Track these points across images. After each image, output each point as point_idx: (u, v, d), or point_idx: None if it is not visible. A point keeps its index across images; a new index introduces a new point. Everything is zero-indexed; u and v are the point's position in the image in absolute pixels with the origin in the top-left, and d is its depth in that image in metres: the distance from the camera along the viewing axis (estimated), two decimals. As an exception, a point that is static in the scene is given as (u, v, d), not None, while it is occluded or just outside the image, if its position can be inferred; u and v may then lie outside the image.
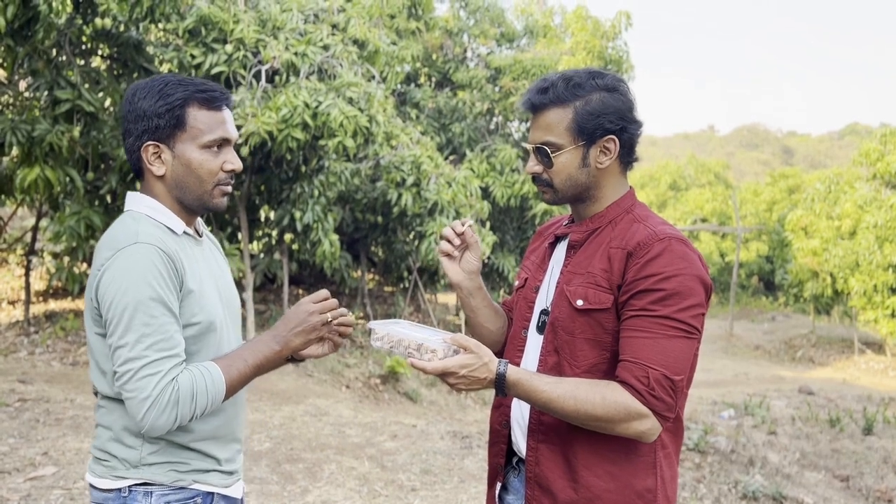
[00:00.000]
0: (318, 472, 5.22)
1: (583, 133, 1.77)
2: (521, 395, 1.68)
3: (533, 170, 1.83)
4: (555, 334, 1.79)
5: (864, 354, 16.35)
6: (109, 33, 8.49)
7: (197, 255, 1.82)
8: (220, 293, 1.86)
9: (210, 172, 1.77)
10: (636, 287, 1.68)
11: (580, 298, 1.74)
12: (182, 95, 1.74)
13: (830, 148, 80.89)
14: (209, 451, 1.79)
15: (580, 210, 1.87)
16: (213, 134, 1.76)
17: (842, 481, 7.24)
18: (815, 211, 17.12)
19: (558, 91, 1.78)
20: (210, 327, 1.76)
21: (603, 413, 1.64)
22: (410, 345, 1.64)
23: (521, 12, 15.01)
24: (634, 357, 1.66)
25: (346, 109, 7.69)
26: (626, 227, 1.78)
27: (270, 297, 11.90)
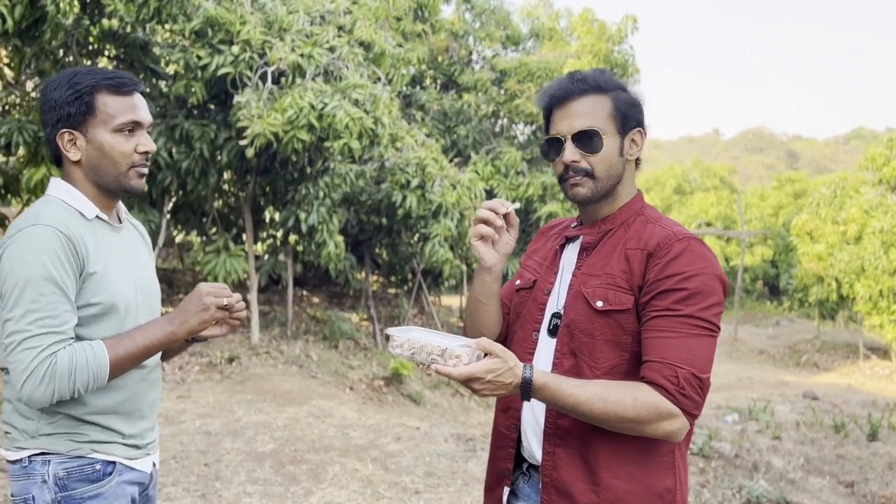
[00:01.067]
0: (321, 473, 5.21)
1: (623, 121, 1.80)
2: (548, 399, 1.64)
3: (572, 158, 1.77)
4: (571, 337, 1.77)
5: (870, 360, 16.30)
6: (116, 34, 8.51)
7: (109, 240, 1.89)
8: (133, 278, 1.92)
9: (123, 154, 1.85)
10: (659, 287, 1.68)
11: (600, 300, 1.73)
12: (90, 83, 1.83)
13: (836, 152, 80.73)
14: (109, 424, 1.85)
15: (595, 210, 1.85)
16: (124, 117, 1.84)
17: (846, 487, 7.21)
18: (820, 216, 17.08)
19: (597, 79, 1.80)
20: (112, 309, 1.82)
21: (634, 414, 1.63)
22: (433, 350, 1.60)
23: (527, 15, 15.01)
24: (661, 357, 1.65)
25: (351, 111, 7.70)
26: (641, 229, 1.79)
27: (275, 298, 11.91)
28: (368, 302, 11.90)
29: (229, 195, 10.59)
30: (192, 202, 9.86)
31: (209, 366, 8.15)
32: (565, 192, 1.83)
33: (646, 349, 1.68)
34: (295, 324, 10.55)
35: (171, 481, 4.83)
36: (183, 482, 4.84)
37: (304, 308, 11.95)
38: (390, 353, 1.67)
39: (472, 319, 1.95)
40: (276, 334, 9.86)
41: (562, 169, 1.80)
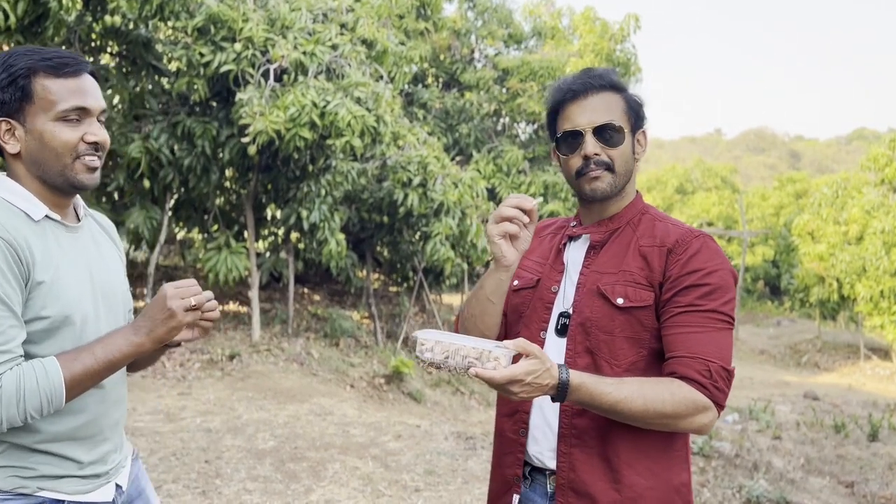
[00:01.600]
0: (321, 471, 5.22)
1: (635, 119, 1.83)
2: (584, 399, 1.61)
3: (594, 151, 1.76)
4: (587, 335, 1.76)
5: (870, 360, 16.29)
6: (119, 31, 8.52)
7: (62, 243, 1.66)
8: (93, 284, 1.70)
9: (65, 145, 1.61)
10: (682, 283, 1.71)
11: (620, 297, 1.73)
12: (26, 65, 1.59)
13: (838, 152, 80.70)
14: (64, 452, 1.65)
15: (603, 207, 1.85)
16: (66, 103, 1.61)
17: (846, 487, 7.21)
18: (822, 216, 17.08)
19: (612, 77, 1.83)
20: (65, 321, 1.60)
21: (672, 410, 1.63)
22: (469, 353, 1.51)
23: (529, 14, 15.01)
24: (691, 352, 1.67)
25: (353, 109, 7.70)
26: (650, 227, 1.82)
27: (276, 295, 11.92)
28: (369, 300, 11.91)
29: (231, 192, 10.60)
30: (194, 199, 9.86)
31: (210, 363, 8.16)
32: (581, 188, 1.81)
33: (672, 344, 1.69)
34: (296, 321, 10.56)
35: (171, 478, 4.84)
36: (183, 479, 4.84)
37: (305, 306, 11.96)
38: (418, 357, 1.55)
39: (475, 320, 1.87)
40: (277, 332, 9.87)
41: (581, 163, 1.79)
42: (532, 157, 13.11)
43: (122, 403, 1.82)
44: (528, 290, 1.90)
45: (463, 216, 9.80)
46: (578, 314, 1.78)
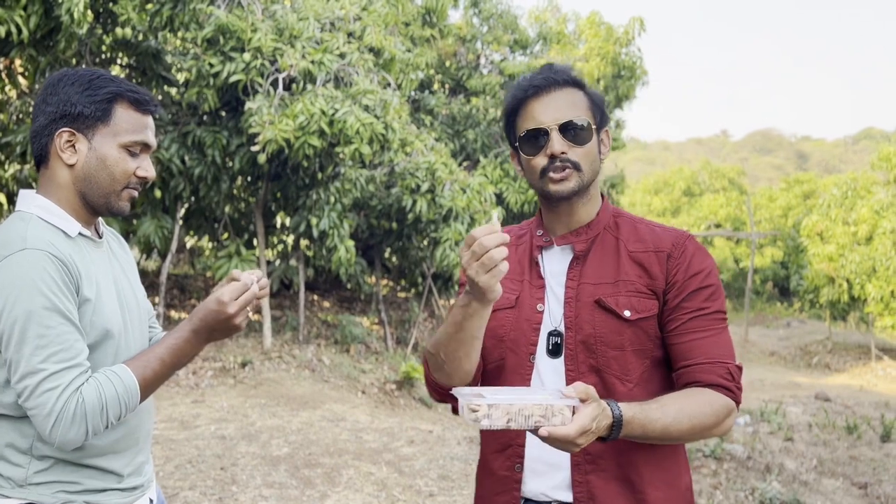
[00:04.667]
0: (336, 477, 5.25)
1: (600, 117, 1.74)
2: (635, 431, 1.50)
3: (561, 149, 1.64)
4: (591, 353, 1.65)
5: (882, 361, 16.22)
6: (129, 43, 8.61)
7: (95, 259, 1.72)
8: (119, 297, 1.74)
9: (124, 173, 1.69)
10: (688, 287, 1.65)
11: (627, 309, 1.64)
12: (114, 90, 1.68)
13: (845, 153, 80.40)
14: (108, 466, 1.68)
15: (573, 212, 1.72)
16: (136, 136, 1.70)
17: (860, 489, 7.19)
18: (830, 216, 17.03)
19: (572, 73, 1.74)
20: (107, 335, 1.66)
21: (714, 421, 1.59)
22: (534, 412, 1.39)
23: (535, 19, 15.06)
24: (709, 357, 1.62)
25: (362, 117, 7.75)
26: (632, 231, 1.73)
27: (286, 303, 11.97)
28: (379, 306, 11.95)
29: (241, 201, 10.67)
30: (205, 208, 9.93)
31: (222, 370, 8.21)
32: (546, 189, 1.67)
33: (689, 352, 1.63)
34: (307, 328, 10.60)
35: (188, 485, 4.88)
36: (200, 486, 4.89)
37: (315, 312, 12.01)
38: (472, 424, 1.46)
39: (459, 363, 1.64)
40: (288, 339, 9.92)
41: (545, 162, 1.66)
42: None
43: (153, 414, 1.86)
44: (507, 310, 1.73)
45: (472, 221, 9.84)
46: (577, 331, 1.66)
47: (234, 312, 1.67)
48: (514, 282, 1.74)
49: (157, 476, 4.96)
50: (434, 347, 1.67)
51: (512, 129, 1.75)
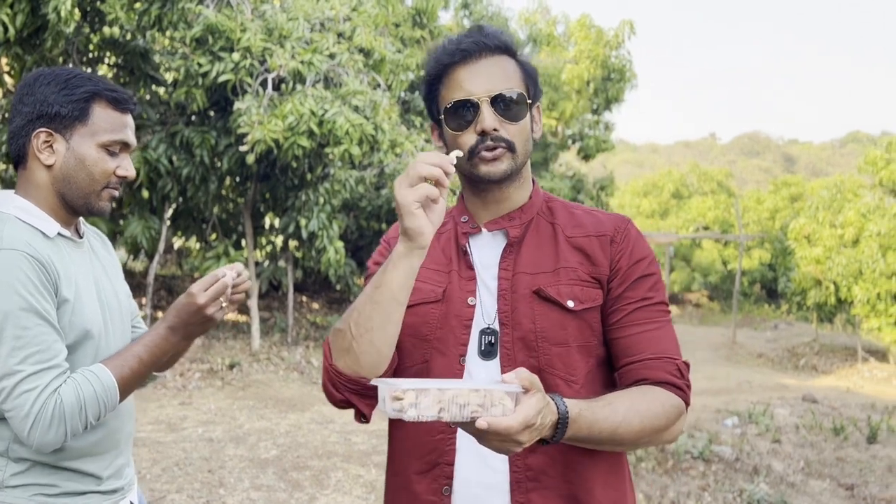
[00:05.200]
0: (325, 479, 5.23)
1: (534, 90, 1.51)
2: (581, 433, 1.29)
3: (493, 125, 1.42)
4: (532, 351, 1.43)
5: (868, 363, 16.33)
6: (116, 42, 8.56)
7: (75, 259, 1.69)
8: (100, 297, 1.72)
9: (103, 173, 1.67)
10: (633, 275, 1.47)
11: (570, 298, 1.43)
12: (91, 89, 1.66)
13: (832, 156, 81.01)
14: (87, 469, 1.66)
15: (500, 195, 1.51)
16: (115, 135, 1.68)
17: (846, 490, 7.23)
18: (818, 219, 17.12)
19: (506, 39, 1.50)
20: (87, 336, 1.64)
21: (665, 422, 1.39)
22: (470, 400, 1.16)
23: (526, 21, 15.09)
24: (657, 352, 1.44)
25: (351, 117, 7.73)
26: (568, 216, 1.54)
27: (275, 304, 11.93)
28: (368, 307, 11.93)
29: (229, 201, 10.63)
30: (192, 209, 9.89)
31: (210, 372, 8.17)
32: (475, 170, 1.45)
33: (634, 347, 1.45)
34: (295, 330, 10.57)
35: (174, 488, 4.85)
36: (187, 489, 4.85)
37: (304, 314, 11.97)
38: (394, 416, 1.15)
39: (371, 335, 1.35)
40: (276, 340, 9.88)
41: (474, 140, 1.43)
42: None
43: (133, 416, 1.83)
44: (432, 304, 1.49)
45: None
46: (515, 328, 1.45)
47: (204, 303, 1.64)
48: (440, 273, 1.51)
49: (144, 479, 4.92)
50: (344, 321, 1.38)
51: (434, 99, 1.51)
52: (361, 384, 1.38)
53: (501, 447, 1.19)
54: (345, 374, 1.38)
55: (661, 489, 6.16)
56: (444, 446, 1.43)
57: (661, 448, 6.99)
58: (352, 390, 1.39)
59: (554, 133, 14.40)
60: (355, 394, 1.40)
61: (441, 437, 1.43)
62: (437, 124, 1.53)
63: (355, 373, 1.37)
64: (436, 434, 1.44)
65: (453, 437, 1.42)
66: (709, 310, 27.66)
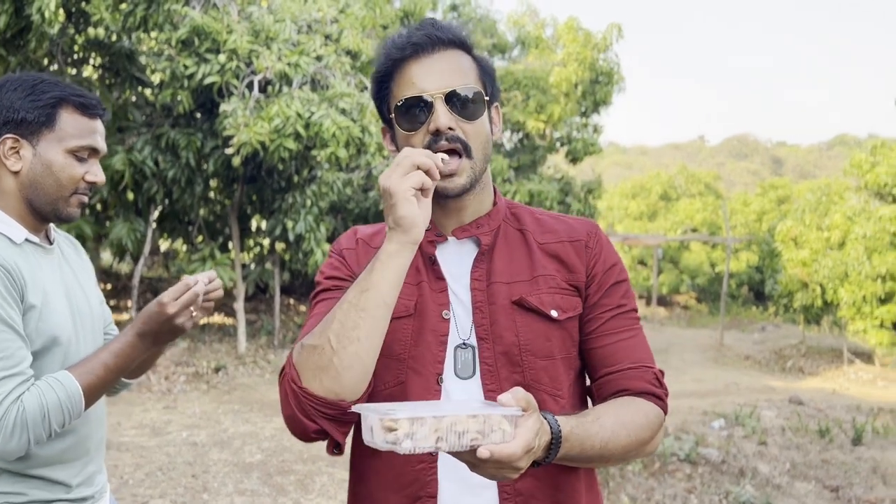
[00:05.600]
0: (309, 483, 5.21)
1: (492, 89, 1.42)
2: (574, 451, 1.22)
3: (448, 123, 1.31)
4: (516, 367, 1.35)
5: (854, 364, 16.43)
6: (102, 43, 8.52)
7: (43, 265, 1.68)
8: (70, 304, 1.71)
9: (71, 178, 1.67)
10: (607, 281, 1.41)
11: (553, 308, 1.36)
12: (58, 94, 1.66)
13: (819, 158, 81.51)
14: (55, 476, 1.64)
15: (464, 205, 1.40)
16: (83, 140, 1.67)
17: (831, 492, 7.26)
18: (804, 222, 17.23)
19: (461, 33, 1.40)
20: (54, 342, 1.63)
21: (649, 434, 1.35)
22: (469, 427, 1.06)
23: (513, 24, 15.11)
24: (635, 361, 1.39)
25: (338, 120, 7.72)
26: (535, 222, 1.46)
27: (262, 307, 11.89)
28: (356, 310, 11.91)
29: (216, 204, 10.59)
30: (179, 211, 9.85)
31: (195, 376, 8.13)
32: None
33: (611, 356, 1.39)
34: (282, 332, 10.53)
35: (158, 493, 4.82)
36: (170, 494, 4.82)
37: (291, 317, 11.94)
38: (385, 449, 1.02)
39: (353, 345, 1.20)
40: (262, 343, 9.84)
41: (428, 140, 1.32)
42: (517, 166, 13.17)
43: (104, 423, 1.82)
44: (404, 319, 1.36)
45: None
46: (496, 342, 1.35)
47: (174, 313, 1.63)
48: (409, 285, 1.35)
49: (127, 484, 4.89)
50: (318, 336, 1.23)
51: (384, 98, 1.40)
52: (340, 408, 1.21)
53: (498, 474, 1.11)
54: (320, 397, 1.21)
55: (648, 492, 6.18)
56: (426, 477, 1.31)
57: (647, 450, 7.01)
58: (328, 416, 1.22)
59: (542, 136, 14.44)
60: (332, 420, 1.23)
61: (422, 466, 1.32)
62: (389, 126, 1.42)
63: (335, 394, 1.21)
64: (416, 464, 1.32)
65: (434, 465, 1.32)
66: (697, 312, 27.77)
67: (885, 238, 15.02)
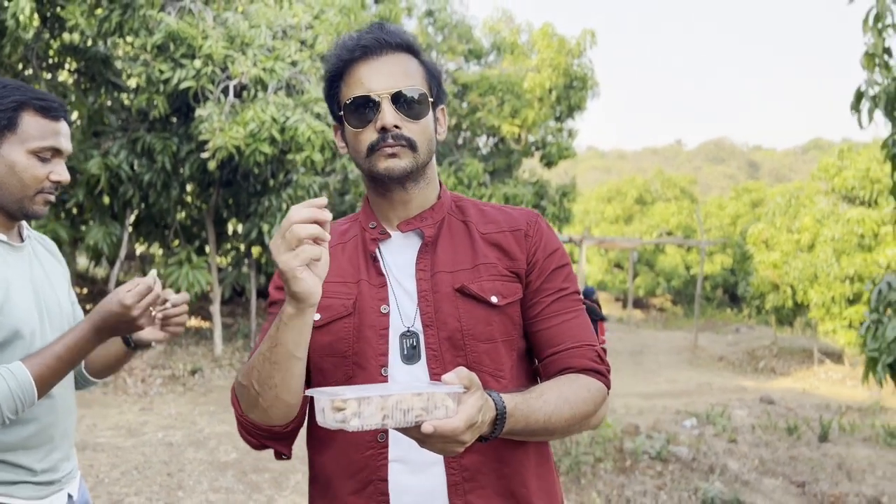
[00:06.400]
0: (283, 481, 5.28)
1: (437, 90, 1.52)
2: (518, 425, 1.31)
3: (394, 122, 1.41)
4: (459, 350, 1.43)
5: (824, 364, 16.70)
6: (77, 48, 8.54)
7: (10, 262, 1.75)
8: (38, 300, 1.79)
9: (35, 178, 1.73)
10: (548, 267, 1.51)
11: (493, 294, 1.45)
12: (18, 98, 1.72)
13: (794, 162, 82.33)
14: (17, 461, 1.72)
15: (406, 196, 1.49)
16: (44, 142, 1.73)
17: (798, 487, 7.40)
18: (775, 225, 17.48)
19: (409, 38, 1.50)
20: (16, 335, 1.70)
21: (592, 408, 1.44)
22: (413, 405, 1.14)
23: (489, 29, 15.25)
24: (578, 341, 1.48)
25: (313, 124, 7.81)
26: (478, 213, 1.56)
27: (238, 310, 11.92)
28: (333, 313, 11.96)
29: (192, 208, 10.62)
30: (155, 215, 9.87)
31: (172, 378, 8.16)
32: (374, 167, 1.43)
33: (556, 337, 1.48)
34: (258, 335, 10.58)
35: (133, 491, 4.87)
36: (146, 492, 4.88)
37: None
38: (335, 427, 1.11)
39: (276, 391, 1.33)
40: (239, 346, 9.88)
41: (375, 137, 1.42)
42: (492, 170, 13.30)
43: (72, 413, 1.88)
44: (344, 319, 1.45)
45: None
46: (440, 327, 1.44)
47: (137, 315, 1.69)
48: (347, 284, 1.47)
49: (103, 483, 4.93)
50: (245, 377, 1.35)
51: (335, 96, 1.50)
52: (275, 431, 1.39)
53: (445, 448, 1.19)
54: (257, 423, 1.38)
55: (618, 488, 6.29)
56: (376, 462, 1.40)
57: (618, 448, 7.12)
58: (268, 437, 1.40)
59: (517, 140, 14.60)
60: (272, 439, 1.41)
61: (371, 452, 1.40)
62: (339, 123, 1.51)
63: (267, 423, 1.37)
64: (365, 451, 1.41)
65: (384, 450, 1.40)
66: (672, 314, 28.03)
67: (852, 240, 15.32)
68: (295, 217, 1.21)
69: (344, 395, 1.11)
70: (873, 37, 4.51)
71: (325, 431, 1.36)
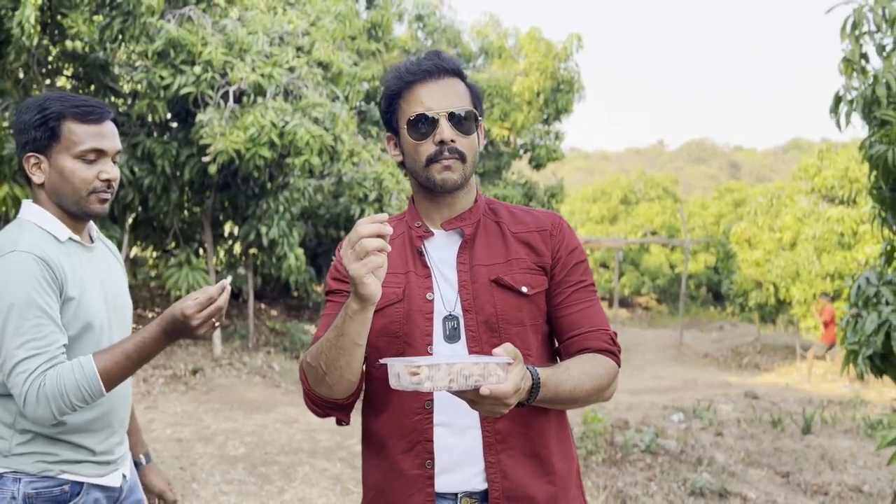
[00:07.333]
0: (292, 473, 5.48)
1: (480, 109, 1.77)
2: (549, 394, 1.53)
3: (451, 136, 1.65)
4: (495, 332, 1.67)
5: (805, 360, 17.01)
6: (76, 54, 8.66)
7: (83, 261, 1.94)
8: (106, 296, 1.97)
9: (83, 181, 1.89)
10: (570, 262, 1.75)
11: (524, 285, 1.70)
12: (58, 109, 1.87)
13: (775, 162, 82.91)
14: (81, 442, 1.91)
15: (452, 200, 1.74)
16: (86, 145, 1.88)
17: (782, 477, 7.62)
18: (758, 224, 17.76)
19: (457, 63, 1.75)
20: (87, 328, 1.88)
21: (607, 381, 1.68)
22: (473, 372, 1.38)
23: (478, 34, 15.47)
24: (594, 325, 1.73)
25: (312, 129, 7.99)
26: (509, 215, 1.80)
27: (234, 311, 12.06)
28: (327, 313, 12.10)
29: (189, 211, 10.76)
30: (153, 218, 10.01)
31: (173, 378, 8.32)
32: (432, 177, 1.67)
33: (576, 322, 1.73)
34: (255, 336, 10.74)
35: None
36: (161, 485, 5.06)
37: (263, 321, 12.13)
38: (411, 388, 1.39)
39: (341, 371, 1.58)
40: (237, 346, 10.04)
41: (433, 150, 1.66)
42: (483, 171, 13.50)
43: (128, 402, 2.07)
44: (396, 305, 1.70)
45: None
46: (478, 312, 1.68)
47: (197, 325, 1.82)
48: (398, 276, 1.71)
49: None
50: (314, 358, 1.61)
51: (394, 112, 1.73)
52: (338, 402, 1.66)
53: (493, 409, 1.41)
54: (322, 396, 1.64)
55: (610, 479, 6.48)
56: (423, 426, 1.64)
57: (609, 442, 7.33)
58: (331, 407, 1.67)
59: (506, 143, 14.82)
60: (335, 409, 1.68)
61: (419, 417, 1.64)
62: (395, 135, 1.75)
63: (332, 397, 1.64)
64: (414, 416, 1.65)
65: (430, 416, 1.64)
66: (657, 312, 28.33)
67: (833, 238, 15.66)
68: (363, 231, 1.42)
69: (418, 362, 1.36)
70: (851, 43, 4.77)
71: (380, 400, 1.69)
